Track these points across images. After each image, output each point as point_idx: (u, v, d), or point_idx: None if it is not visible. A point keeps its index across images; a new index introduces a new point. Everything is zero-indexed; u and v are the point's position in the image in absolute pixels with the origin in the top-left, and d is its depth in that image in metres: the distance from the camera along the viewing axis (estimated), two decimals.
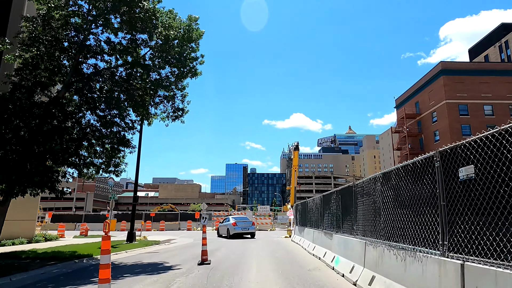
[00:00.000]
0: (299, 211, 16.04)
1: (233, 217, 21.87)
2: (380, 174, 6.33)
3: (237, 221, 20.21)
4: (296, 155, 49.63)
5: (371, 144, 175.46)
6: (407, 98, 55.47)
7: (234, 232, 19.38)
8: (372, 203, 6.59)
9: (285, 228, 32.57)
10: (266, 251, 12.74)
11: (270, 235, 22.84)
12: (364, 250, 6.55)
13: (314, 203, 12.83)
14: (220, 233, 21.95)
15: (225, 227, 20.64)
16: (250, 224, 19.96)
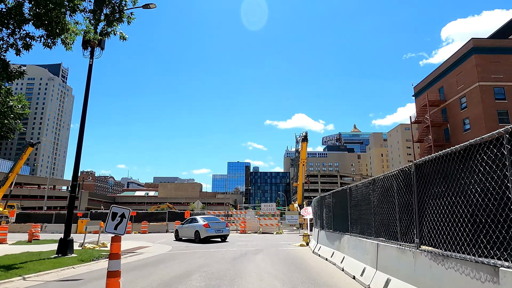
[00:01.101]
0: (326, 207, 10.19)
1: (202, 217, 18.09)
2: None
3: (210, 222, 16.94)
4: (304, 146, 43.83)
5: (378, 142, 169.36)
6: (429, 84, 49.44)
7: (207, 235, 16.45)
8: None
9: (294, 232, 26.75)
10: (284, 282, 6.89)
11: (278, 241, 17.03)
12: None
13: (362, 191, 7.00)
14: (180, 235, 18.58)
15: (191, 229, 17.40)
16: (224, 226, 17.39)
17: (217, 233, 16.65)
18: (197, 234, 16.71)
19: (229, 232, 18.14)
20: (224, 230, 16.98)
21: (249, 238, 19.72)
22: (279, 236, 21.51)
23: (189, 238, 17.69)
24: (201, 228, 16.55)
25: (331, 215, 9.31)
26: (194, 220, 17.83)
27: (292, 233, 24.48)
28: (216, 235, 16.66)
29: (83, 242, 13.78)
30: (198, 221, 17.19)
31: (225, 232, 17.01)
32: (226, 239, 17.21)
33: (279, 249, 12.74)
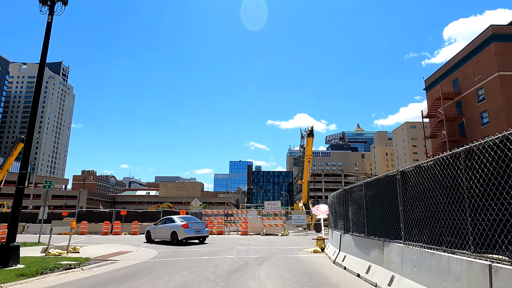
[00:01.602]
0: (354, 204, 7.54)
1: (179, 217, 16.74)
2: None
3: (189, 222, 15.64)
4: (310, 142, 41.14)
5: (383, 140, 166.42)
6: (442, 76, 46.64)
7: (186, 237, 15.23)
8: None
9: (301, 233, 24.15)
10: None
11: (285, 245, 14.45)
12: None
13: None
14: (153, 237, 17.01)
15: (167, 229, 16.01)
16: (203, 226, 16.28)
17: (197, 234, 15.48)
18: (174, 235, 15.31)
19: (209, 233, 16.88)
20: (203, 231, 15.83)
21: (250, 241, 17.15)
22: (285, 238, 18.90)
23: (163, 239, 16.23)
24: (179, 229, 15.24)
25: (364, 214, 6.70)
26: (170, 220, 16.37)
27: (299, 235, 21.87)
28: (196, 236, 15.49)
29: (47, 247, 11.26)
30: (175, 221, 15.82)
31: (204, 233, 15.88)
32: (205, 240, 16.18)
33: (288, 257, 10.14)
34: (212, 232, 22.76)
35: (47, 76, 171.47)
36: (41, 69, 9.44)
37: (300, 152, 45.37)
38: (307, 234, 22.44)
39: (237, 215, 26.57)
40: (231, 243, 15.79)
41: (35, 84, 9.51)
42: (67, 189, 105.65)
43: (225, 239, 18.47)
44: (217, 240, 17.32)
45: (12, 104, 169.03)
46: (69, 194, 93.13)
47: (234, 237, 19.74)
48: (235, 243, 15.74)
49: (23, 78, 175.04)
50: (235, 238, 19.29)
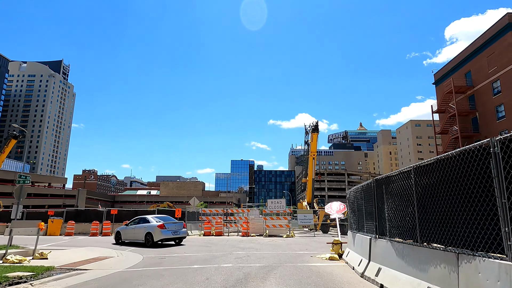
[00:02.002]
0: (392, 198, 5.48)
1: (155, 217, 15.44)
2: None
3: (165, 223, 14.49)
4: (315, 138, 39.09)
5: (386, 139, 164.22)
6: (453, 69, 44.46)
7: (162, 238, 14.15)
8: None
9: (308, 234, 22.14)
10: None
11: (293, 249, 12.44)
12: None
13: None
14: (124, 238, 15.66)
15: (141, 230, 14.77)
16: (181, 227, 15.15)
17: (174, 235, 14.43)
18: (149, 237, 14.16)
19: (186, 234, 15.76)
20: (180, 232, 14.75)
21: (252, 243, 15.15)
22: (291, 240, 16.88)
23: (136, 241, 14.96)
24: (154, 230, 14.07)
25: (414, 212, 4.67)
26: (144, 220, 15.08)
27: (306, 236, 19.84)
28: (173, 237, 14.43)
29: (5, 253, 9.28)
30: (151, 222, 14.63)
31: (181, 234, 14.81)
32: (181, 241, 15.16)
33: (299, 267, 8.12)
34: (210, 233, 20.79)
35: (47, 75, 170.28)
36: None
37: (304, 149, 43.35)
38: (314, 236, 20.42)
39: (238, 214, 24.60)
40: (230, 246, 13.80)
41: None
42: (65, 188, 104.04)
43: (223, 241, 16.49)
44: (214, 243, 15.34)
45: (12, 102, 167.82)
46: (68, 193, 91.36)
47: (234, 239, 17.75)
48: (234, 246, 13.75)
49: (23, 77, 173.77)
50: (235, 240, 17.30)
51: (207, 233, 20.60)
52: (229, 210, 22.33)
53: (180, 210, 22.05)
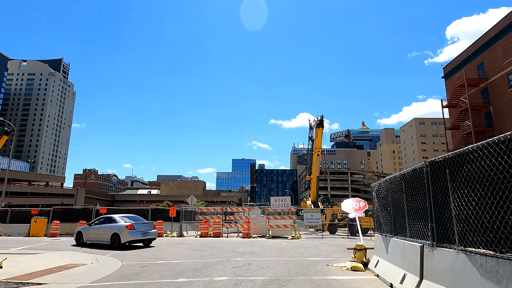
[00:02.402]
0: (452, 185, 3.50)
1: (122, 216, 14.15)
2: None
3: (135, 223, 13.35)
4: (320, 133, 37.16)
5: (390, 138, 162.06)
6: (464, 61, 42.36)
7: (130, 239, 13.01)
8: None
9: (315, 235, 20.20)
10: None
11: (302, 254, 10.55)
12: None
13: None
14: (86, 239, 14.34)
15: (106, 231, 13.53)
16: (151, 227, 14.09)
17: (143, 237, 13.28)
18: (115, 238, 12.97)
19: (157, 236, 14.36)
20: (150, 233, 13.66)
21: (254, 246, 13.24)
22: (298, 242, 14.94)
23: (100, 242, 13.70)
24: (122, 230, 12.89)
25: None
26: (110, 220, 13.83)
27: (314, 238, 17.90)
28: (142, 239, 13.28)
29: None
30: (118, 221, 13.43)
31: (151, 235, 13.70)
32: (151, 243, 14.01)
33: (316, 281, 6.19)
34: (207, 234, 18.89)
35: (47, 73, 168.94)
36: None
37: (308, 146, 41.39)
38: (322, 237, 18.49)
39: (238, 213, 22.70)
40: (228, 250, 11.89)
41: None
42: (64, 187, 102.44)
43: (221, 243, 14.58)
44: (210, 246, 13.44)
45: (12, 101, 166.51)
46: (66, 193, 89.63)
47: (234, 241, 15.83)
48: (233, 250, 11.84)
49: (23, 75, 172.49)
50: (234, 242, 15.38)
51: (204, 234, 18.69)
52: (228, 209, 20.38)
53: (175, 209, 20.15)
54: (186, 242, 15.53)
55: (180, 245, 13.77)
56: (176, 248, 12.83)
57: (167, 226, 20.52)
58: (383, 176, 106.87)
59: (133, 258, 10.17)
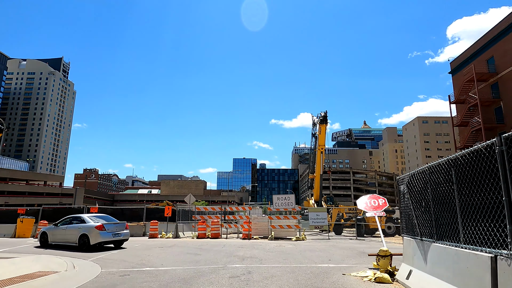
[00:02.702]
0: None
1: (92, 216, 13.33)
2: None
3: (105, 223, 12.52)
4: (323, 130, 35.78)
5: (392, 137, 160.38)
6: (473, 55, 40.89)
7: (101, 241, 12.12)
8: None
9: (320, 236, 18.83)
10: None
11: (311, 260, 9.20)
12: None
13: None
14: (51, 240, 13.35)
15: (74, 231, 12.60)
16: (123, 228, 13.26)
17: (115, 238, 12.52)
18: (84, 239, 12.14)
19: (129, 237, 13.66)
20: (122, 234, 12.93)
21: (255, 249, 11.89)
22: (304, 245, 13.57)
23: (67, 243, 12.76)
24: (91, 231, 12.06)
25: None
26: (79, 220, 12.92)
27: (320, 240, 16.52)
28: (113, 240, 12.50)
29: None
30: (87, 222, 12.56)
31: (123, 236, 12.97)
32: (122, 244, 13.25)
33: None
34: (205, 235, 17.54)
35: (47, 72, 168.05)
36: None
37: (311, 142, 40.03)
38: (329, 239, 17.12)
39: (238, 213, 21.35)
40: (226, 254, 10.53)
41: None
42: (63, 187, 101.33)
43: (219, 246, 13.22)
44: (206, 249, 12.08)
45: (12, 100, 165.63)
46: (64, 192, 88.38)
47: (233, 243, 14.47)
48: (231, 254, 10.48)
49: (23, 75, 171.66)
50: (233, 244, 14.02)
51: (201, 235, 17.34)
52: (227, 208, 19.01)
53: (171, 208, 18.81)
54: (181, 244, 14.18)
55: (174, 248, 12.43)
56: (168, 251, 11.49)
57: (162, 226, 19.19)
58: (385, 176, 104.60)
59: (116, 263, 8.83)
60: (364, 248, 12.21)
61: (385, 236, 21.68)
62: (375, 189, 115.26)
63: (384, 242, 7.36)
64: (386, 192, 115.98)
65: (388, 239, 18.43)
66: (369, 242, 15.88)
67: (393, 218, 23.87)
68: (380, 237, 20.72)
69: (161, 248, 12.46)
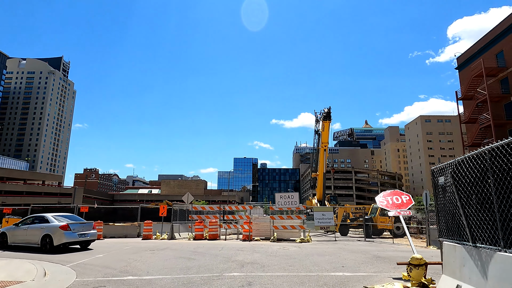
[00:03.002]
0: None
1: (56, 216, 12.31)
2: None
3: (70, 223, 11.67)
4: (327, 126, 34.54)
5: (394, 136, 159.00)
6: (481, 50, 39.59)
7: (65, 241, 11.29)
8: None
9: (326, 237, 17.58)
10: None
11: (321, 266, 7.96)
12: None
13: None
14: (11, 241, 12.49)
15: (36, 231, 11.82)
16: (90, 227, 12.46)
17: (81, 238, 11.88)
18: (47, 240, 11.48)
19: (96, 237, 13.06)
20: (89, 235, 12.31)
21: (256, 253, 10.64)
22: (310, 248, 12.32)
23: (28, 244, 12.04)
24: (55, 231, 11.39)
25: None
26: (42, 220, 12.19)
27: (327, 242, 15.26)
28: (79, 240, 11.85)
29: None
30: (51, 221, 11.86)
31: (90, 236, 12.36)
32: (89, 245, 12.70)
33: None
34: (202, 236, 16.30)
35: (47, 71, 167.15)
36: None
37: (314, 139, 38.75)
38: (335, 240, 15.86)
39: (238, 212, 20.14)
40: (223, 259, 9.28)
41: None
42: (63, 186, 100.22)
43: (216, 248, 11.98)
44: (201, 252, 10.84)
45: (11, 100, 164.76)
46: (63, 192, 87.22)
47: (232, 245, 13.22)
48: (229, 259, 9.23)
49: (23, 74, 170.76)
50: (232, 246, 12.78)
51: (198, 236, 16.09)
52: (227, 207, 17.77)
53: (166, 208, 17.58)
54: (174, 246, 12.94)
55: (166, 251, 11.19)
56: (159, 255, 10.25)
57: (157, 227, 17.98)
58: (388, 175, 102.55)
59: (96, 270, 7.60)
60: (378, 252, 10.97)
61: (394, 237, 20.40)
62: (377, 189, 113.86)
63: (414, 247, 6.03)
64: None
65: (398, 241, 17.18)
66: (380, 244, 14.63)
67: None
68: (389, 238, 19.43)
69: (152, 251, 11.23)
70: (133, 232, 19.73)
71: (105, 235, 17.91)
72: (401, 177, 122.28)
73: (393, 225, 20.94)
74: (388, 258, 9.26)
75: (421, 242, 16.84)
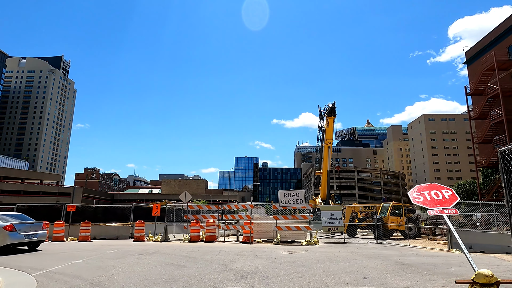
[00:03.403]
0: None
1: (2, 215, 11.45)
2: None
3: (16, 223, 11.01)
4: (331, 123, 33.10)
5: (397, 135, 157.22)
6: (491, 43, 38.14)
7: (11, 243, 10.72)
8: None
9: (331, 239, 16.20)
10: None
11: (334, 273, 6.75)
12: None
13: None
14: None
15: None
16: (39, 227, 11.86)
17: (28, 239, 11.47)
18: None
19: (46, 238, 12.52)
20: (38, 235, 11.87)
21: (258, 258, 9.22)
22: (319, 252, 10.88)
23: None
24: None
25: None
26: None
27: (336, 245, 13.81)
28: (26, 242, 11.47)
29: None
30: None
31: (38, 237, 11.91)
32: (38, 246, 12.25)
33: None
34: (198, 238, 14.88)
35: (47, 71, 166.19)
36: None
37: (318, 136, 37.33)
38: (345, 243, 14.42)
39: (238, 212, 18.75)
40: (219, 267, 7.86)
41: None
42: (62, 186, 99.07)
43: (212, 253, 10.56)
44: (195, 258, 9.42)
45: (11, 99, 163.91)
46: (62, 191, 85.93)
47: (231, 249, 11.79)
48: (226, 267, 7.81)
49: (23, 73, 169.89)
50: (231, 250, 11.35)
51: (194, 238, 14.67)
52: (225, 206, 16.37)
53: (159, 207, 16.19)
54: (165, 250, 11.52)
55: (154, 256, 9.77)
56: (145, 261, 8.83)
57: (150, 227, 16.59)
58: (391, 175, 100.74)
59: (63, 282, 6.19)
60: (398, 257, 9.52)
61: (405, 238, 18.94)
62: (380, 188, 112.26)
63: (470, 258, 4.52)
64: (392, 191, 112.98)
65: (413, 243, 15.71)
66: (395, 247, 13.19)
67: (413, 218, 21.19)
68: (401, 240, 17.98)
69: (139, 256, 9.82)
70: (126, 233, 18.34)
71: (94, 237, 16.54)
72: (404, 177, 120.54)
73: (405, 226, 19.50)
74: (415, 266, 7.83)
75: (437, 245, 15.38)
